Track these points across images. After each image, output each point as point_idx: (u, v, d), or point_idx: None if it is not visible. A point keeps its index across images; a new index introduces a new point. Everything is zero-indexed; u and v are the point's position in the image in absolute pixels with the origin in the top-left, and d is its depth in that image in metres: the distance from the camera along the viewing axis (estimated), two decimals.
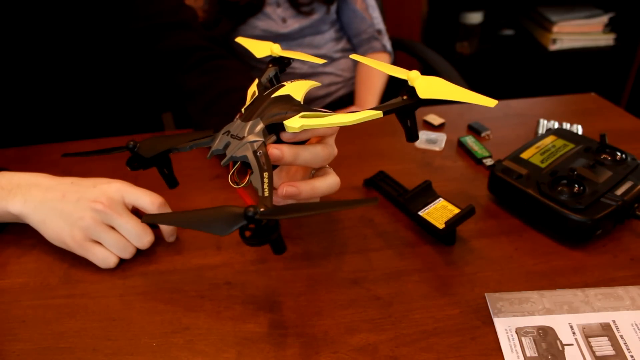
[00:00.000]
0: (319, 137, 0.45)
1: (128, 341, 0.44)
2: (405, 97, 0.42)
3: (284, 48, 0.50)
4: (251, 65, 1.20)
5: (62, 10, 0.74)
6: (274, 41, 0.51)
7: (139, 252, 0.52)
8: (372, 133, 0.75)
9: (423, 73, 0.42)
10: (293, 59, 0.51)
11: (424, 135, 0.74)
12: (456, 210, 0.52)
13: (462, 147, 0.71)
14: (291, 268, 0.51)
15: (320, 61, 0.50)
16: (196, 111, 0.69)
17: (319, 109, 0.42)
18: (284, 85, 0.45)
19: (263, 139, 0.40)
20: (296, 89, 0.45)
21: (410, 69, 0.43)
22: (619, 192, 0.53)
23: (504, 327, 0.44)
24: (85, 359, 0.42)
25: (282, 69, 0.51)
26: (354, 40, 1.29)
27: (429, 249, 0.53)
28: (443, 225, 0.51)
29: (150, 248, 0.53)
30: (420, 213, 0.53)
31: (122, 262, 0.52)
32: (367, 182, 0.63)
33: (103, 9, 0.75)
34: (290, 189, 0.41)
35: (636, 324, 0.44)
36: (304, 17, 1.18)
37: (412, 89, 0.41)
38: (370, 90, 1.22)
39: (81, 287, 0.49)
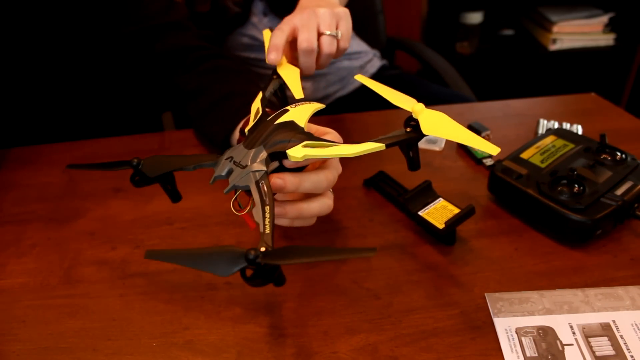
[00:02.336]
0: (323, 161, 0.45)
1: (128, 341, 0.44)
2: (409, 130, 0.43)
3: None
4: (249, 64, 1.20)
5: (61, 11, 0.74)
6: (262, 49, 0.51)
7: (138, 253, 0.52)
8: (372, 134, 0.75)
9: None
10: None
11: None
12: (456, 210, 0.52)
13: (462, 147, 0.71)
14: (291, 268, 0.51)
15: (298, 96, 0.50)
16: (196, 115, 0.68)
17: (322, 138, 0.42)
18: (287, 110, 0.45)
19: (265, 169, 0.40)
20: (300, 114, 0.45)
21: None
22: (619, 192, 0.53)
23: (504, 327, 0.44)
24: (85, 359, 0.42)
25: None
26: None
27: (429, 249, 0.53)
28: (443, 225, 0.51)
29: (150, 248, 0.53)
30: (420, 213, 0.53)
31: (122, 262, 0.52)
32: (367, 182, 0.63)
33: (95, 13, 0.75)
34: (279, 208, 0.41)
35: (636, 324, 0.44)
36: None
37: (416, 122, 0.42)
38: None
39: (81, 287, 0.49)
